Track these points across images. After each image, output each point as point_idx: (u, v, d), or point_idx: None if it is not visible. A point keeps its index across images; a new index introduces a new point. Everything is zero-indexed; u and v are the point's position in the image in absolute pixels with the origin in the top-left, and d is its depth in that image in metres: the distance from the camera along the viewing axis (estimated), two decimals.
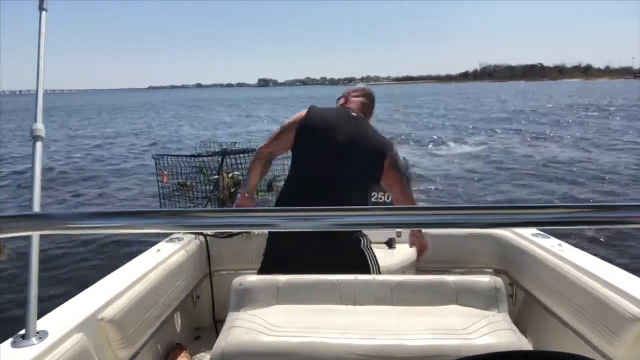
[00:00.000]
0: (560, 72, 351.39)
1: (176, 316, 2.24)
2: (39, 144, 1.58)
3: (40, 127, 1.59)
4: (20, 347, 1.31)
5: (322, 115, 2.10)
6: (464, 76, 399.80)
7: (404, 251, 2.68)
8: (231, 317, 1.35)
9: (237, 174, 2.57)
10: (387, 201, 2.93)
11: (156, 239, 2.43)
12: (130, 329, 1.69)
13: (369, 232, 2.30)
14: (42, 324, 1.43)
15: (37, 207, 1.49)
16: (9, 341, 1.34)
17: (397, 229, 2.72)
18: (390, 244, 2.74)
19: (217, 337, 1.26)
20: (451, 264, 2.65)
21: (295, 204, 1.96)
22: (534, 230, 2.44)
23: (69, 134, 21.18)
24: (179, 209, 2.36)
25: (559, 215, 0.66)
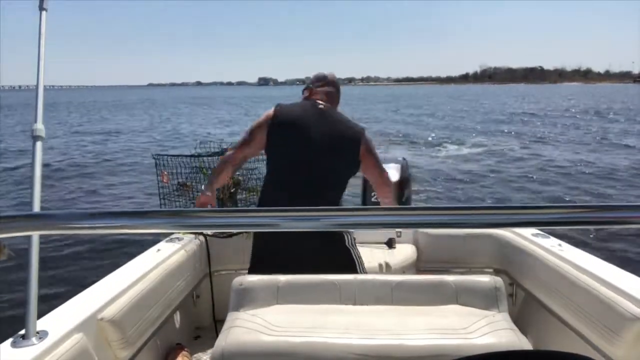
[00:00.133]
0: (560, 75, 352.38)
1: (176, 316, 2.24)
2: (39, 144, 1.58)
3: (40, 127, 1.59)
4: (20, 347, 1.31)
5: (291, 111, 2.07)
6: (464, 78, 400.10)
7: (404, 251, 2.68)
8: (231, 317, 1.35)
9: (237, 174, 2.56)
10: None
11: (156, 239, 2.43)
12: (130, 329, 1.69)
13: (369, 232, 2.30)
14: (42, 324, 1.43)
15: (37, 207, 1.49)
16: (9, 341, 1.34)
17: (397, 229, 2.72)
18: (390, 244, 2.74)
19: (217, 337, 1.26)
20: (451, 263, 2.65)
21: (279, 204, 1.96)
22: (534, 230, 2.44)
23: (69, 131, 21.10)
24: (179, 209, 2.36)
25: (559, 215, 0.66)
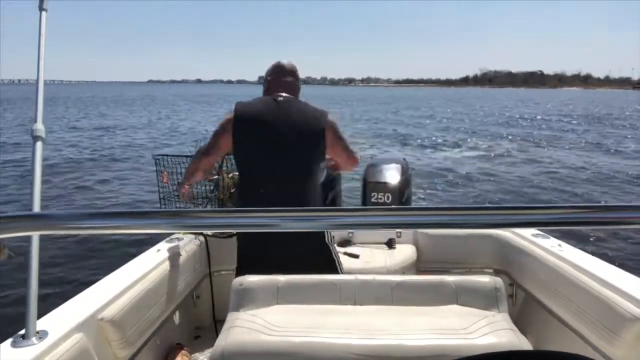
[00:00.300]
0: (560, 80, 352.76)
1: (176, 316, 2.24)
2: (39, 144, 1.58)
3: (40, 127, 1.59)
4: (20, 347, 1.31)
5: (252, 108, 2.07)
6: (464, 81, 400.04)
7: (404, 251, 2.68)
8: (231, 317, 1.35)
9: (237, 174, 2.56)
10: (387, 201, 2.93)
11: (156, 238, 2.43)
12: (130, 328, 1.69)
13: (369, 232, 2.30)
14: (42, 324, 1.43)
15: (37, 207, 1.49)
16: (9, 341, 1.34)
17: (397, 229, 2.72)
18: (390, 244, 2.74)
19: (217, 337, 1.26)
20: (451, 264, 2.65)
21: (258, 202, 2.00)
22: (534, 230, 2.44)
23: (66, 126, 21.03)
24: (179, 209, 2.36)
25: (559, 215, 0.66)
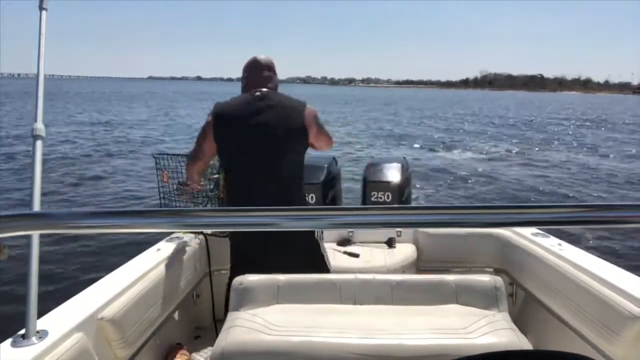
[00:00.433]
0: (560, 84, 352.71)
1: (176, 316, 2.24)
2: (39, 144, 1.58)
3: (40, 126, 1.59)
4: (20, 346, 1.31)
5: (231, 108, 2.08)
6: (464, 83, 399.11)
7: (404, 250, 2.68)
8: (231, 316, 1.35)
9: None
10: (387, 200, 2.93)
11: (156, 238, 2.43)
12: (130, 328, 1.68)
13: (369, 232, 2.31)
14: (42, 323, 1.42)
15: (37, 207, 1.49)
16: (9, 341, 1.34)
17: (397, 228, 2.72)
18: (390, 243, 2.74)
19: (217, 337, 1.26)
20: (451, 263, 2.65)
21: (248, 199, 2.03)
22: (534, 229, 2.44)
23: (69, 127, 21.01)
24: (179, 209, 2.36)
25: (559, 215, 0.66)
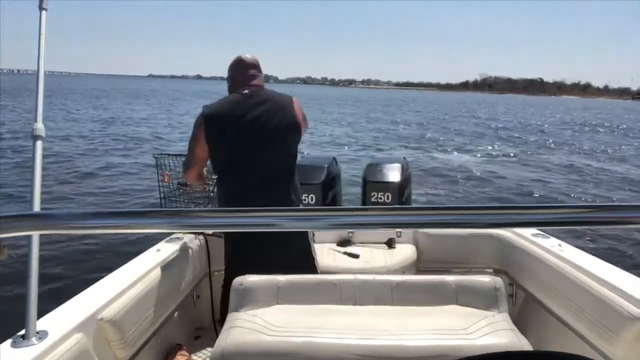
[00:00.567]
0: (559, 88, 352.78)
1: (176, 316, 2.24)
2: (39, 144, 1.58)
3: (40, 127, 1.59)
4: (20, 347, 1.31)
5: (221, 109, 2.07)
6: (464, 86, 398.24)
7: (404, 251, 2.68)
8: (231, 317, 1.35)
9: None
10: (387, 201, 2.93)
11: (156, 238, 2.43)
12: (130, 329, 1.68)
13: (369, 232, 2.31)
14: (42, 324, 1.42)
15: (37, 207, 1.49)
16: (9, 341, 1.34)
17: (397, 229, 2.72)
18: (390, 243, 2.74)
19: (217, 337, 1.26)
20: (451, 264, 2.65)
21: (244, 199, 2.04)
22: (534, 230, 2.44)
23: (69, 124, 20.96)
24: (179, 209, 2.36)
25: (559, 215, 0.66)
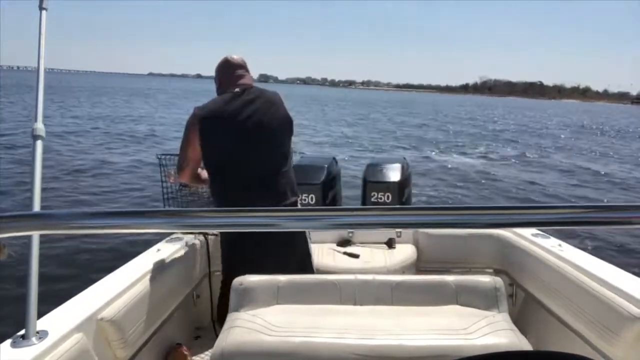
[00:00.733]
0: (559, 91, 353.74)
1: (176, 316, 2.24)
2: (39, 144, 1.58)
3: (40, 127, 1.59)
4: (20, 347, 1.31)
5: (215, 110, 2.06)
6: (464, 88, 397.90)
7: (404, 251, 2.68)
8: (231, 317, 1.35)
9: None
10: (387, 201, 2.93)
11: (156, 238, 2.43)
12: (130, 328, 1.68)
13: (369, 232, 2.31)
14: (42, 324, 1.42)
15: (37, 207, 1.49)
16: (9, 341, 1.34)
17: (397, 229, 2.72)
18: (390, 243, 2.74)
19: (217, 337, 1.26)
20: (451, 264, 2.65)
21: (241, 199, 2.03)
22: (534, 230, 2.44)
23: (69, 122, 20.90)
24: (179, 209, 2.36)
25: (559, 215, 0.66)
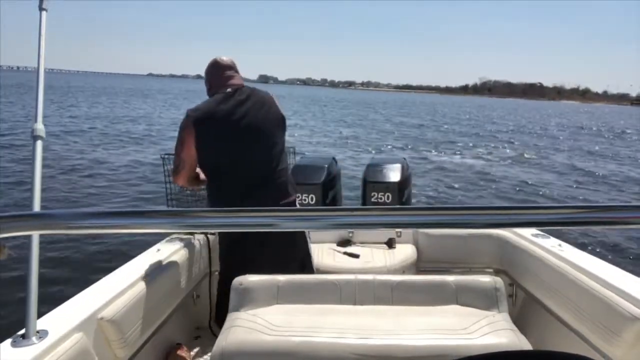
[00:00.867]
0: (559, 92, 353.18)
1: (176, 316, 2.24)
2: (39, 144, 1.58)
3: (40, 127, 1.59)
4: (20, 346, 1.31)
5: (209, 111, 2.05)
6: (464, 89, 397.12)
7: (404, 251, 2.68)
8: (231, 316, 1.35)
9: None
10: (387, 201, 2.93)
11: (156, 238, 2.43)
12: (130, 328, 1.68)
13: (369, 232, 2.31)
14: (42, 323, 1.42)
15: (37, 207, 1.49)
16: (9, 341, 1.34)
17: (397, 229, 2.72)
18: (390, 243, 2.74)
19: (217, 337, 1.26)
20: (451, 264, 2.65)
21: (240, 199, 2.03)
22: (534, 230, 2.44)
23: (69, 121, 20.86)
24: (179, 209, 2.36)
25: (559, 215, 0.66)
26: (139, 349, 1.78)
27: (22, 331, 1.36)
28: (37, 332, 1.37)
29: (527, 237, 2.37)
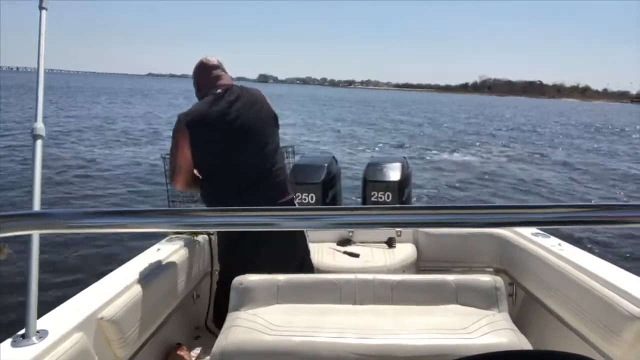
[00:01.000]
0: (558, 90, 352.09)
1: (176, 316, 2.24)
2: (39, 143, 1.58)
3: (40, 126, 1.59)
4: (20, 346, 1.31)
5: (201, 113, 2.05)
6: (464, 88, 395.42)
7: (404, 250, 2.68)
8: (231, 316, 1.35)
9: None
10: (387, 200, 2.93)
11: (156, 238, 2.43)
12: (130, 328, 1.68)
13: (369, 232, 2.31)
14: (42, 323, 1.42)
15: (37, 206, 1.48)
16: (9, 341, 1.34)
17: (397, 228, 2.72)
18: (390, 243, 2.74)
19: (217, 337, 1.26)
20: (451, 263, 2.65)
21: (235, 199, 2.03)
22: (534, 229, 2.44)
23: (67, 121, 20.85)
24: (179, 209, 2.36)
25: (559, 215, 0.66)
26: (139, 348, 1.78)
27: (22, 331, 1.36)
28: (37, 332, 1.36)
29: (527, 237, 2.37)
